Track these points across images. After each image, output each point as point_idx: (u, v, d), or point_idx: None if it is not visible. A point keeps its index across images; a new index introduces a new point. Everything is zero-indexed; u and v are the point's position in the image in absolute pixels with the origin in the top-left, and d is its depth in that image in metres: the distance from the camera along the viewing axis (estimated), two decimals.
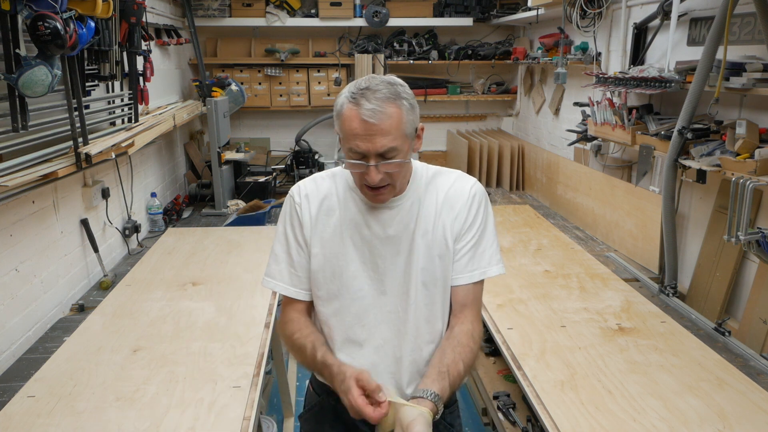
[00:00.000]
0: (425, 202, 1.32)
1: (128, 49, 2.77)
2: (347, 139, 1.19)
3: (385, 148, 1.17)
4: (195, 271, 2.61)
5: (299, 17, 4.67)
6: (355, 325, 1.32)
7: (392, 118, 1.17)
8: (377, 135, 1.16)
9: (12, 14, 1.76)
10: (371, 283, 1.31)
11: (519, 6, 4.50)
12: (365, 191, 1.25)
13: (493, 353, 2.72)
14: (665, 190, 2.42)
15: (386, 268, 1.30)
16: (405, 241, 1.30)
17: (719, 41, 2.10)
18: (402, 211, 1.30)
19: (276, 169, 4.68)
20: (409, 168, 1.31)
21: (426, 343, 1.32)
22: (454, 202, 1.32)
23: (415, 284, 1.29)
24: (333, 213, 1.32)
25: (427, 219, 1.30)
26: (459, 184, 1.35)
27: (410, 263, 1.29)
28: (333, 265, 1.30)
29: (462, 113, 5.27)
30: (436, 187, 1.34)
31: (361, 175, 1.22)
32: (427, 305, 1.31)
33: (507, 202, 4.03)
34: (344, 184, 1.33)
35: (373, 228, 1.30)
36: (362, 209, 1.31)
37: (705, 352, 1.89)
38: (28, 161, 2.00)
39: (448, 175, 1.37)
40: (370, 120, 1.15)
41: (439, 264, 1.31)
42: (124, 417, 1.55)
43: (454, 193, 1.33)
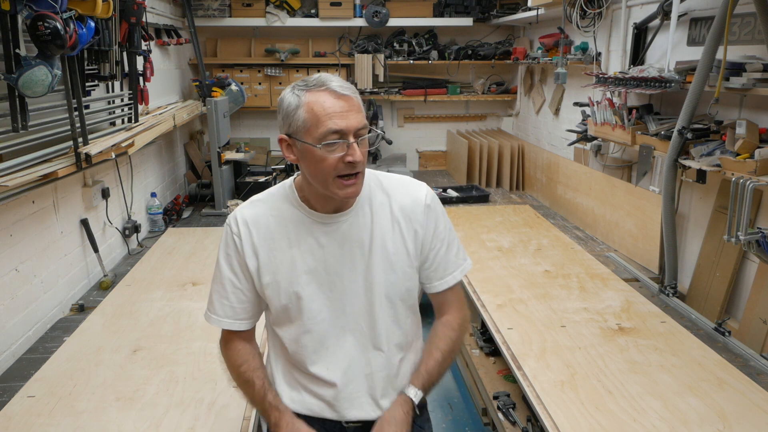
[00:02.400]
0: (378, 213, 1.26)
1: (128, 49, 2.77)
2: (320, 121, 1.12)
3: (362, 124, 1.15)
4: (195, 271, 2.61)
5: (299, 17, 4.67)
6: (319, 348, 1.27)
7: (357, 99, 1.17)
8: (352, 111, 1.14)
9: (12, 14, 1.76)
10: (330, 304, 1.25)
11: (519, 6, 4.50)
12: (338, 186, 1.16)
13: (493, 353, 2.73)
14: (665, 190, 2.42)
15: (344, 286, 1.24)
16: (361, 255, 1.24)
17: (719, 41, 2.09)
18: (354, 224, 1.24)
19: (276, 169, 4.68)
20: None
21: (395, 355, 1.31)
22: (411, 214, 1.27)
23: (379, 299, 1.25)
24: (279, 236, 1.24)
25: (383, 231, 1.25)
26: (411, 192, 1.29)
27: (370, 278, 1.25)
28: (287, 291, 1.24)
29: (462, 113, 5.27)
30: (387, 195, 1.28)
31: (336, 162, 1.13)
32: (392, 317, 1.28)
33: (507, 202, 4.03)
34: (287, 204, 1.26)
35: (326, 246, 1.23)
36: (311, 228, 1.23)
37: (705, 352, 1.89)
38: (28, 161, 2.00)
39: (397, 182, 1.31)
40: (345, 92, 1.13)
41: (402, 276, 1.27)
42: (124, 417, 1.55)
43: (409, 203, 1.28)
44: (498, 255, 2.83)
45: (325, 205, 1.23)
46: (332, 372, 1.27)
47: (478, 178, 4.51)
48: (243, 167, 4.27)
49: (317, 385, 1.29)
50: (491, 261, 2.75)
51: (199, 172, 4.26)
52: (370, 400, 1.30)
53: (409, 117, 5.22)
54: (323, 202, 1.23)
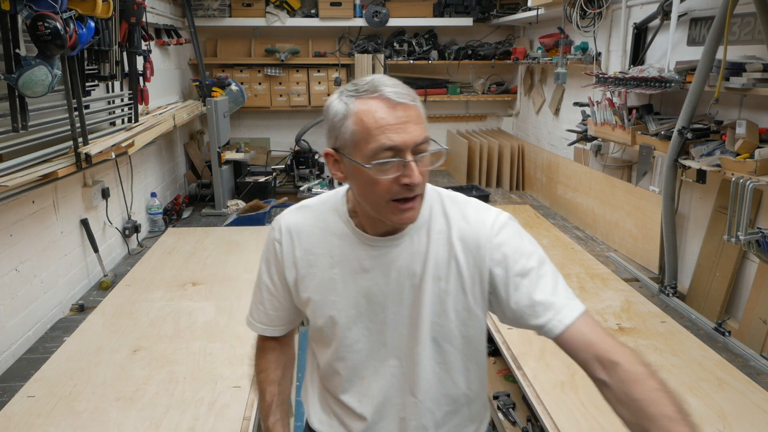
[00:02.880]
0: (435, 242, 1.07)
1: (128, 49, 2.77)
2: (372, 136, 0.94)
3: (422, 137, 0.95)
4: (195, 271, 2.61)
5: (299, 17, 4.67)
6: (352, 377, 1.14)
7: (417, 107, 0.97)
8: (411, 122, 0.94)
9: (12, 14, 1.76)
10: (369, 335, 1.10)
11: (519, 6, 4.50)
12: (393, 210, 0.99)
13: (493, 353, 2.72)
14: (665, 190, 2.42)
15: (387, 318, 1.09)
16: (410, 288, 1.07)
17: (719, 41, 2.09)
18: (406, 251, 1.06)
19: (276, 169, 4.68)
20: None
21: (439, 407, 1.13)
22: (475, 248, 1.06)
23: (424, 340, 1.08)
24: (322, 251, 1.10)
25: (438, 262, 1.06)
26: (477, 220, 1.07)
27: (417, 315, 1.07)
28: (324, 313, 1.11)
29: (462, 113, 5.27)
30: (449, 221, 1.08)
31: (390, 184, 0.96)
32: (440, 364, 1.10)
33: (507, 202, 4.03)
34: (336, 217, 1.11)
35: (371, 272, 1.07)
36: (357, 248, 1.08)
37: (705, 352, 1.89)
38: (28, 161, 2.00)
39: (465, 206, 1.10)
40: (401, 100, 0.94)
41: (455, 319, 1.08)
42: (124, 417, 1.55)
43: (472, 233, 1.06)
44: None
45: (375, 226, 1.07)
46: (364, 405, 1.14)
47: (478, 178, 4.51)
48: (243, 167, 4.27)
49: (347, 415, 1.17)
50: None
51: (199, 172, 4.26)
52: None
53: None
54: (373, 223, 1.06)
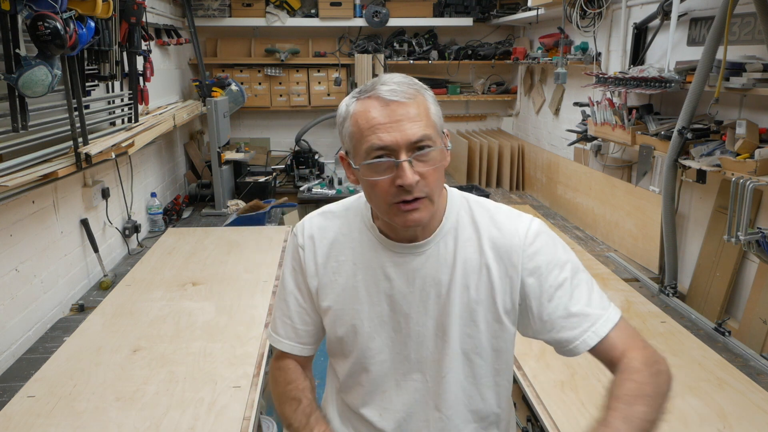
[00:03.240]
0: (464, 249, 1.02)
1: (128, 49, 2.77)
2: (364, 136, 0.92)
3: (418, 135, 0.91)
4: (195, 271, 2.61)
5: (299, 17, 4.67)
6: (374, 390, 1.09)
7: (419, 101, 0.93)
8: (404, 120, 0.91)
9: (12, 14, 1.76)
10: (392, 345, 1.06)
11: (519, 6, 4.50)
12: (396, 213, 0.95)
13: None
14: (665, 190, 2.42)
15: (411, 329, 1.04)
16: (436, 298, 1.03)
17: (719, 41, 2.09)
18: (432, 259, 1.02)
19: (276, 169, 4.68)
20: (444, 179, 1.00)
21: (466, 423, 1.08)
22: (507, 256, 1.01)
23: (452, 352, 1.03)
24: (346, 258, 1.07)
25: (467, 272, 1.02)
26: (509, 227, 1.03)
27: (444, 326, 1.03)
28: (346, 322, 1.07)
29: (462, 113, 5.27)
30: (478, 228, 1.03)
31: (388, 186, 0.93)
32: (468, 378, 1.06)
33: (507, 202, 4.02)
34: (360, 222, 1.07)
35: (394, 280, 1.03)
36: (381, 255, 1.04)
37: (705, 352, 1.89)
38: (28, 161, 2.00)
39: (495, 213, 1.05)
40: (393, 98, 0.91)
41: (486, 330, 1.04)
42: (124, 417, 1.55)
43: (505, 242, 1.01)
44: None
45: (396, 232, 1.03)
46: (385, 420, 1.10)
47: (478, 178, 4.51)
48: (243, 167, 4.27)
49: (368, 430, 1.12)
50: None
51: (199, 172, 4.26)
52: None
53: None
54: (393, 228, 1.03)
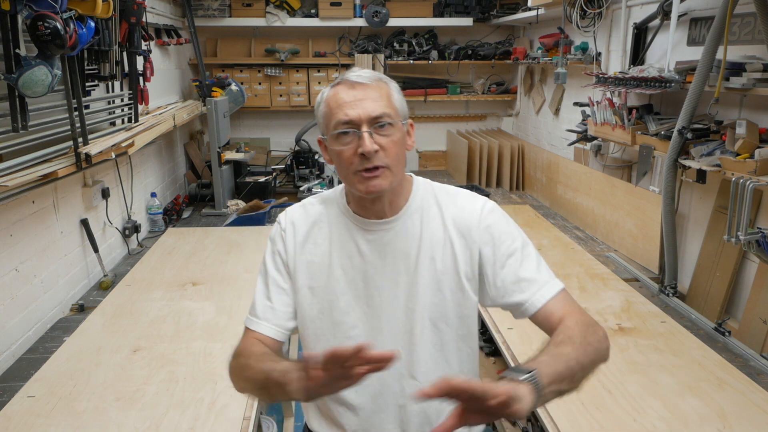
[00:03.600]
0: (429, 226, 1.14)
1: (128, 49, 2.77)
2: (333, 113, 1.07)
3: (377, 112, 1.05)
4: (195, 271, 2.61)
5: (299, 17, 4.67)
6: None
7: (380, 88, 1.09)
8: (366, 99, 1.06)
9: (12, 14, 1.76)
10: (366, 319, 1.14)
11: (519, 6, 4.50)
12: (360, 180, 1.07)
13: (493, 353, 2.73)
14: (665, 190, 2.42)
15: (383, 302, 1.13)
16: (405, 271, 1.13)
17: (719, 41, 2.09)
18: (401, 234, 1.14)
19: (276, 169, 4.68)
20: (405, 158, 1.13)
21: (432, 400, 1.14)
22: (466, 231, 1.13)
23: (421, 321, 1.12)
24: (322, 240, 1.17)
25: (433, 246, 1.13)
26: (467, 205, 1.16)
27: (413, 296, 1.12)
28: (321, 299, 1.15)
29: (462, 113, 5.27)
30: (441, 208, 1.16)
31: (351, 155, 1.06)
32: (436, 345, 1.14)
33: (507, 202, 4.03)
34: (335, 208, 1.19)
35: (367, 256, 1.14)
36: (354, 234, 1.15)
37: (705, 352, 1.89)
38: (28, 161, 2.00)
39: (455, 195, 1.19)
40: (358, 80, 1.07)
41: (451, 299, 1.13)
42: (124, 417, 1.55)
43: (464, 218, 1.14)
44: None
45: (366, 210, 1.14)
46: (361, 396, 1.15)
47: (478, 178, 4.51)
48: (243, 167, 4.27)
49: (344, 408, 1.17)
50: None
51: (199, 172, 4.26)
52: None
53: (409, 117, 5.21)
54: (364, 206, 1.14)
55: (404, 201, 1.16)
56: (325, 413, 1.21)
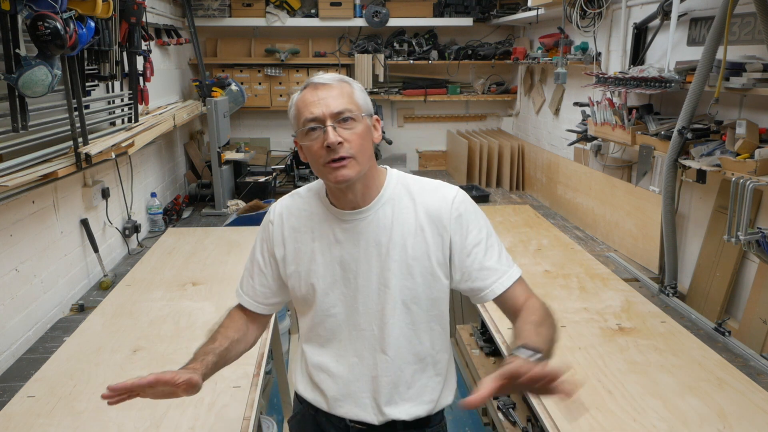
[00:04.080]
0: (401, 215, 1.24)
1: (128, 49, 2.77)
2: (301, 113, 1.18)
3: (339, 108, 1.16)
4: (195, 271, 2.61)
5: (299, 17, 4.67)
6: (331, 339, 1.29)
7: (342, 87, 1.19)
8: (329, 98, 1.16)
9: (12, 14, 1.76)
10: (344, 300, 1.27)
11: (519, 6, 4.50)
12: (329, 171, 1.17)
13: (493, 353, 2.73)
14: (665, 190, 2.42)
15: (359, 284, 1.25)
16: (377, 257, 1.23)
17: (719, 41, 2.09)
18: (373, 223, 1.24)
19: (276, 169, 4.68)
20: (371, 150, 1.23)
21: (408, 364, 1.28)
22: (437, 219, 1.24)
23: (393, 303, 1.23)
24: (306, 230, 1.29)
25: (404, 234, 1.23)
26: (439, 196, 1.26)
27: (384, 280, 1.23)
28: (305, 282, 1.28)
29: (462, 113, 5.27)
30: (413, 198, 1.26)
31: (319, 149, 1.16)
32: (408, 324, 1.26)
33: (507, 202, 4.03)
34: (317, 200, 1.31)
35: (343, 243, 1.25)
36: (332, 223, 1.26)
37: (705, 352, 1.89)
38: (28, 161, 2.00)
39: (427, 185, 1.29)
40: (321, 81, 1.18)
41: (422, 283, 1.24)
42: (124, 417, 1.55)
43: (436, 207, 1.24)
44: None
45: (342, 201, 1.25)
46: (340, 365, 1.29)
47: (478, 178, 4.51)
48: (243, 167, 4.27)
49: (326, 375, 1.31)
50: None
51: (199, 172, 4.26)
52: (373, 403, 1.29)
53: (409, 117, 5.22)
54: (339, 198, 1.25)
55: (376, 192, 1.25)
56: (310, 379, 1.35)
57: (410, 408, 1.29)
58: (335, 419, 1.33)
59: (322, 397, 1.32)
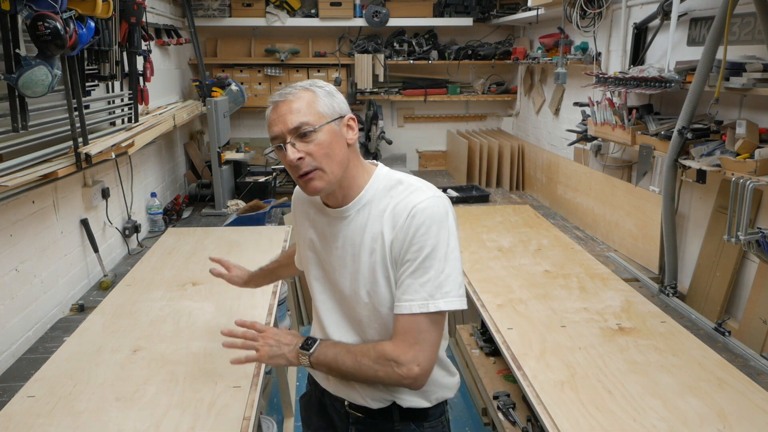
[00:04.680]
0: (373, 220, 1.23)
1: (128, 49, 2.77)
2: (269, 132, 1.22)
3: (295, 123, 1.16)
4: (195, 271, 2.61)
5: (299, 17, 4.67)
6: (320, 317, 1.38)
7: (302, 99, 1.19)
8: (286, 114, 1.17)
9: (12, 14, 1.76)
10: (324, 290, 1.35)
11: (519, 6, 4.50)
12: (302, 184, 1.22)
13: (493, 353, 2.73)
14: (665, 190, 2.42)
15: (336, 280, 1.30)
16: (351, 257, 1.25)
17: (719, 41, 2.10)
18: (351, 224, 1.25)
19: (276, 169, 4.68)
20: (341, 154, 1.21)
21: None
22: (396, 220, 1.19)
23: (363, 303, 1.26)
24: (306, 218, 1.39)
25: (374, 236, 1.22)
26: (412, 198, 1.20)
27: (355, 281, 1.25)
28: (303, 264, 1.43)
29: (462, 113, 5.27)
30: (391, 200, 1.23)
31: (289, 166, 1.20)
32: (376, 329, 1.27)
33: (507, 202, 4.03)
34: None
35: (327, 238, 1.31)
36: (321, 218, 1.32)
37: (705, 352, 1.89)
38: (28, 161, 2.00)
39: (411, 186, 1.24)
40: (279, 99, 1.20)
41: (385, 285, 1.23)
42: (124, 417, 1.55)
43: (401, 208, 1.20)
44: (498, 255, 2.83)
45: (328, 200, 1.30)
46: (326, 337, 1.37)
47: (478, 178, 4.51)
48: (243, 167, 4.27)
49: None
50: (491, 261, 2.75)
51: (199, 172, 4.26)
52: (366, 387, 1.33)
53: (409, 117, 5.22)
54: (326, 197, 1.30)
55: (357, 192, 1.26)
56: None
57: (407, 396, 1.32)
58: (338, 403, 1.39)
59: (324, 375, 1.38)
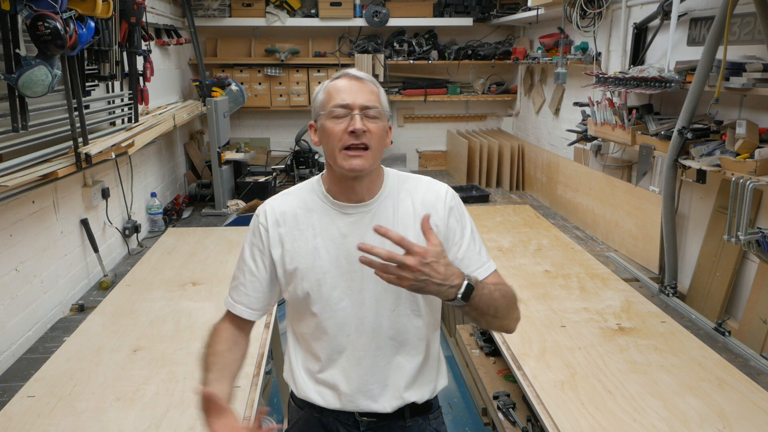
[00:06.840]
0: (400, 208, 1.30)
1: (128, 49, 2.77)
2: (332, 97, 1.24)
3: (369, 103, 1.23)
4: (195, 271, 2.61)
5: (299, 17, 4.67)
6: (336, 336, 1.29)
7: (374, 87, 1.27)
8: (363, 90, 1.24)
9: (12, 14, 1.76)
10: (350, 293, 1.28)
11: (519, 6, 4.50)
12: (344, 157, 1.22)
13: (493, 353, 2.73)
14: (665, 190, 2.42)
15: (365, 276, 1.26)
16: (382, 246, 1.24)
17: (719, 41, 2.09)
18: (377, 216, 1.28)
19: (276, 169, 4.68)
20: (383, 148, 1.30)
21: (415, 349, 1.31)
22: (433, 209, 1.30)
23: (399, 291, 1.25)
24: (305, 226, 1.29)
25: (405, 224, 1.28)
26: (433, 189, 1.34)
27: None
28: (311, 278, 1.28)
29: (462, 113, 5.27)
30: (410, 192, 1.33)
31: (341, 133, 1.21)
32: (414, 311, 1.30)
33: (507, 202, 4.03)
34: (314, 196, 1.32)
35: (348, 236, 1.27)
36: (334, 218, 1.29)
37: (705, 352, 1.89)
38: (28, 161, 2.00)
39: (419, 181, 1.37)
40: (357, 74, 1.26)
41: None
42: (124, 417, 1.55)
43: (431, 199, 1.32)
44: (498, 255, 2.83)
45: (347, 195, 1.28)
46: (349, 360, 1.30)
47: (478, 178, 4.51)
48: (243, 167, 4.27)
49: (333, 370, 1.31)
50: None
51: (199, 172, 4.26)
52: (385, 391, 1.31)
53: (409, 117, 5.22)
54: (345, 192, 1.28)
55: (379, 187, 1.31)
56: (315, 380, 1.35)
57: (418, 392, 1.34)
58: (343, 416, 1.33)
59: (333, 394, 1.31)
